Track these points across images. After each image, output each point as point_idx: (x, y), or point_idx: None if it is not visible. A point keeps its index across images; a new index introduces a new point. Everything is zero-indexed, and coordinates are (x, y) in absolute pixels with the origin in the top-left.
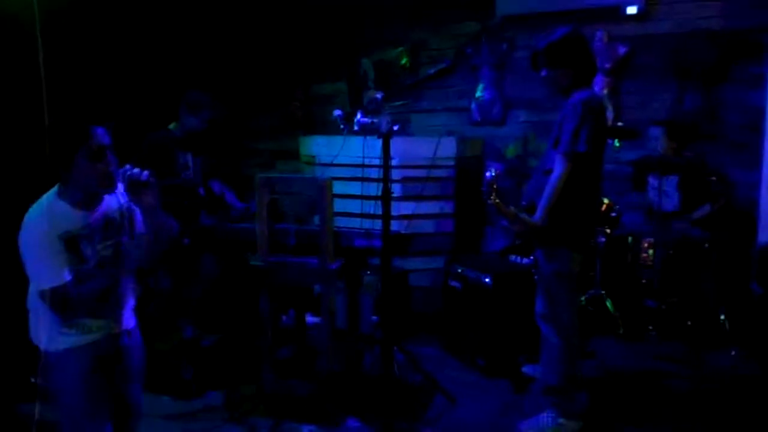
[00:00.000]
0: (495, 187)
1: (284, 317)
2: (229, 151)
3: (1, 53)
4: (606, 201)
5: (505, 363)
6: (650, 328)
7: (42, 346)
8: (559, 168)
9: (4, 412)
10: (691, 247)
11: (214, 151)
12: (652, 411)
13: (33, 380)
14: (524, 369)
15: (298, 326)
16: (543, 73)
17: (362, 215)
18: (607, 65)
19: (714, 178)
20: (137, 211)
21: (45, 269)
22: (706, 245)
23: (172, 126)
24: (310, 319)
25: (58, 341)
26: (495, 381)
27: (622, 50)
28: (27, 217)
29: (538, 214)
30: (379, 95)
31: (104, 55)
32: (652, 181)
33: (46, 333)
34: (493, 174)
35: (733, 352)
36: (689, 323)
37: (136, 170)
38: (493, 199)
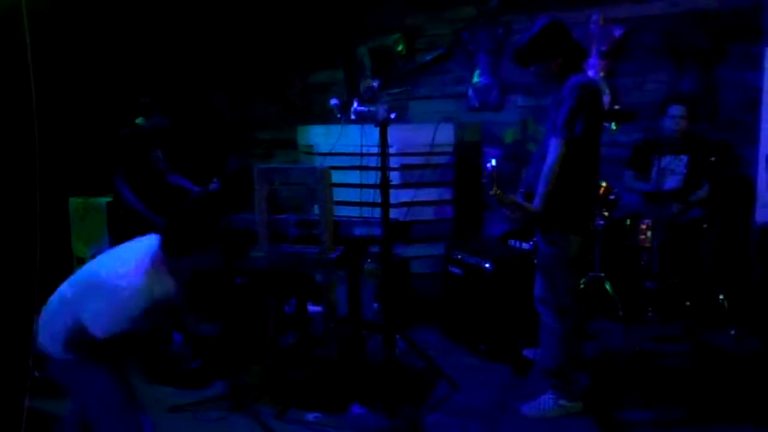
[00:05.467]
0: (495, 177)
1: (286, 306)
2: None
3: None
4: (604, 184)
5: (506, 347)
6: (649, 309)
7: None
8: (554, 152)
9: (10, 406)
10: (689, 228)
11: (183, 146)
12: (652, 391)
13: (37, 375)
14: (525, 352)
15: (300, 315)
16: (532, 69)
17: (361, 203)
18: (603, 48)
19: (713, 159)
20: None
21: None
22: (705, 225)
23: (139, 120)
24: (311, 307)
25: None
26: (496, 365)
27: (617, 32)
28: None
29: (537, 201)
30: (375, 83)
31: (97, 45)
32: (656, 160)
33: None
34: (494, 165)
35: (732, 332)
36: (688, 304)
37: None
38: (495, 190)
